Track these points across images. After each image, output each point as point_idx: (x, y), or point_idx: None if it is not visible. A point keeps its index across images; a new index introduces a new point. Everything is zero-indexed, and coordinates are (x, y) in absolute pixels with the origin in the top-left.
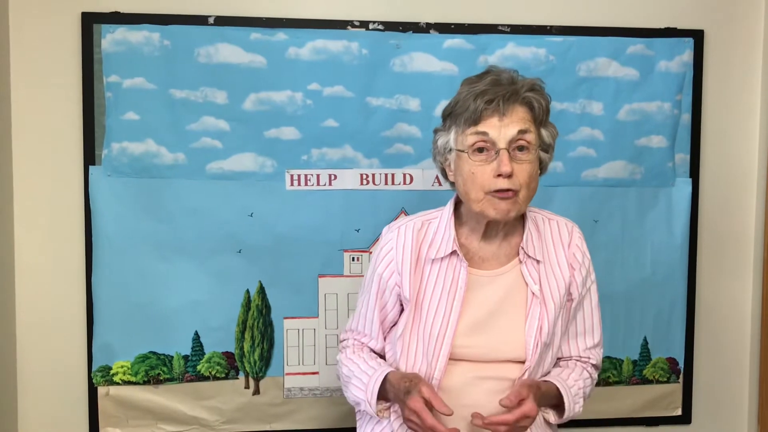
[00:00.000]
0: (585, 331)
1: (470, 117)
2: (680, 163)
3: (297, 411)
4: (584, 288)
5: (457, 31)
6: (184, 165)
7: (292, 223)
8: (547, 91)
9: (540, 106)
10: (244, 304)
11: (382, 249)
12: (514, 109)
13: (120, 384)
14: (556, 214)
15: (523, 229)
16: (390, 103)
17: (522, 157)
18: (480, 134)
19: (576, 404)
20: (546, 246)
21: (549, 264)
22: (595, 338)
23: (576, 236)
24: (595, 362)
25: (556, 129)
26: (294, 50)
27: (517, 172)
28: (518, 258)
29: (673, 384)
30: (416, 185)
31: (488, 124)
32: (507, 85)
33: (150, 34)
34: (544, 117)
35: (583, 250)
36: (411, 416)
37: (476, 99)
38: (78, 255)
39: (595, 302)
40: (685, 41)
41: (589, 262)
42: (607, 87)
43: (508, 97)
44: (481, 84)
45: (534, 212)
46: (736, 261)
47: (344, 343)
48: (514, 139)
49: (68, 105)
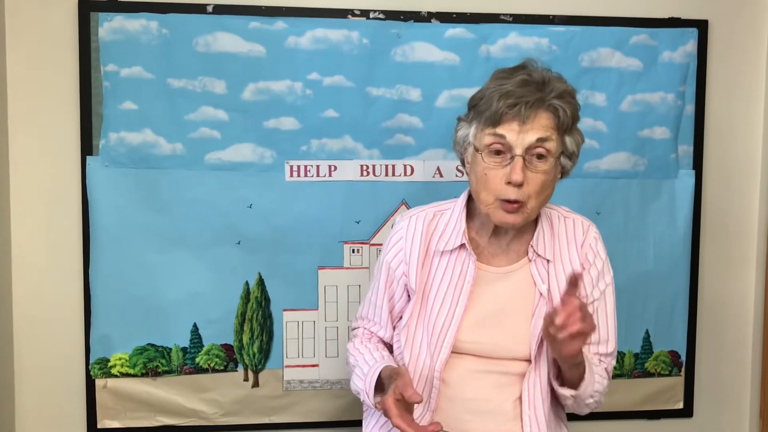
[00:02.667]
0: (600, 341)
1: (491, 117)
2: (683, 154)
3: (296, 404)
4: (595, 289)
5: (459, 20)
6: (183, 155)
7: (292, 214)
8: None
9: (566, 114)
10: (243, 296)
11: (392, 237)
12: (537, 115)
13: (118, 376)
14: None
15: (535, 226)
16: (391, 93)
17: (538, 166)
18: (498, 136)
19: (594, 384)
20: (559, 245)
21: (560, 263)
22: (609, 347)
23: (591, 236)
24: (606, 367)
25: (582, 136)
26: (293, 39)
27: (530, 180)
28: (528, 256)
29: (675, 377)
30: (417, 176)
31: (507, 127)
32: (535, 88)
33: (148, 23)
34: (570, 124)
35: (595, 251)
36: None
37: (500, 100)
38: (75, 246)
39: (611, 309)
40: (689, 31)
41: (603, 263)
42: (610, 77)
43: (532, 103)
44: (509, 83)
45: (550, 208)
46: (739, 254)
47: (355, 332)
48: (533, 146)
49: (65, 94)
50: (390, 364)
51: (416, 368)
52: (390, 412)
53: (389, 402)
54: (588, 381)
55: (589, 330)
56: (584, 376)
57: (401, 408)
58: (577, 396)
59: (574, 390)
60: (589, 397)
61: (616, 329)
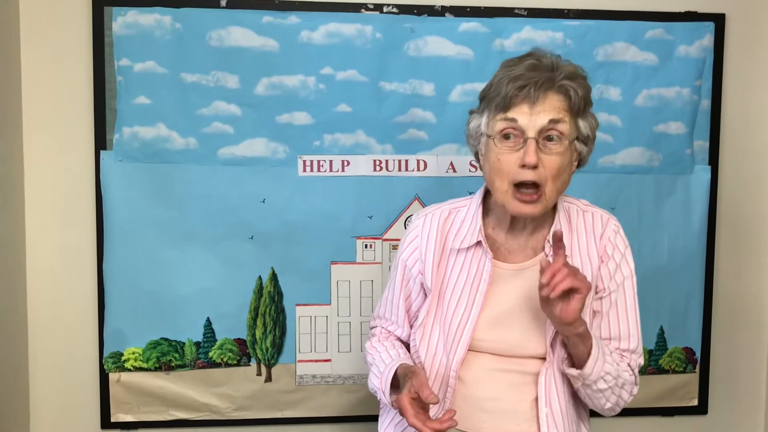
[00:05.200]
0: (620, 336)
1: (501, 102)
2: (699, 150)
3: (309, 398)
4: (612, 281)
5: (473, 14)
6: (196, 150)
7: (305, 209)
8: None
9: (577, 95)
10: (256, 290)
11: (408, 236)
12: (547, 96)
13: (131, 370)
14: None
15: (552, 221)
16: (404, 88)
17: (552, 148)
18: (509, 121)
19: (605, 364)
20: (578, 238)
21: (578, 257)
22: (631, 343)
23: (610, 229)
24: (630, 363)
25: (596, 120)
26: (306, 34)
27: (546, 163)
28: (544, 252)
29: (690, 374)
30: (430, 172)
31: (518, 110)
32: (545, 71)
33: (161, 17)
34: (583, 107)
35: (614, 243)
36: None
37: (508, 84)
38: (89, 241)
39: (631, 304)
40: (705, 25)
41: (621, 256)
42: (625, 72)
43: (541, 84)
44: (518, 68)
45: (569, 202)
46: (755, 250)
47: (372, 331)
48: (545, 128)
49: (79, 89)
50: (406, 362)
51: (432, 367)
52: (405, 411)
53: (405, 401)
54: (595, 358)
55: (581, 286)
56: (591, 352)
57: (417, 407)
58: (584, 376)
59: (581, 369)
60: (601, 380)
61: (639, 325)
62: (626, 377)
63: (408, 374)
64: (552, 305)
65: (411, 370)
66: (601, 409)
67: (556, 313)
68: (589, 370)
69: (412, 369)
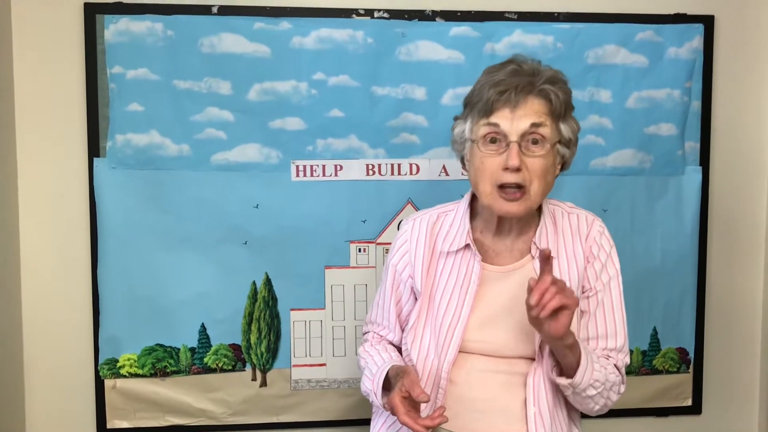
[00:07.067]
0: (607, 334)
1: (483, 107)
2: (690, 151)
3: (304, 403)
4: (598, 281)
5: (464, 18)
6: (189, 156)
7: (298, 214)
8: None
9: (558, 99)
10: (250, 295)
11: (397, 241)
12: (528, 101)
13: (127, 377)
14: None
15: (538, 223)
16: (396, 93)
17: (535, 151)
18: (492, 125)
19: (593, 372)
20: (563, 240)
21: (565, 258)
22: (618, 342)
23: (595, 230)
24: (616, 363)
25: (577, 123)
26: (298, 39)
27: (529, 165)
28: (531, 253)
29: (683, 374)
30: (423, 175)
31: (500, 115)
32: (526, 75)
33: (153, 25)
34: (564, 111)
35: (600, 244)
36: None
37: (490, 89)
38: (83, 247)
39: (617, 302)
40: (695, 27)
41: (607, 256)
42: (615, 74)
43: (522, 88)
44: (499, 74)
45: (554, 205)
46: (747, 250)
47: (365, 336)
48: (527, 132)
49: (71, 97)
50: (398, 364)
51: (424, 368)
52: (397, 410)
53: (396, 400)
54: (584, 368)
55: (570, 303)
56: (580, 362)
57: (408, 405)
58: (574, 385)
59: (570, 378)
60: (590, 387)
61: (625, 324)
62: (613, 379)
63: (399, 374)
64: (541, 322)
65: (402, 370)
66: (590, 412)
67: (546, 329)
68: (578, 379)
69: (404, 369)
